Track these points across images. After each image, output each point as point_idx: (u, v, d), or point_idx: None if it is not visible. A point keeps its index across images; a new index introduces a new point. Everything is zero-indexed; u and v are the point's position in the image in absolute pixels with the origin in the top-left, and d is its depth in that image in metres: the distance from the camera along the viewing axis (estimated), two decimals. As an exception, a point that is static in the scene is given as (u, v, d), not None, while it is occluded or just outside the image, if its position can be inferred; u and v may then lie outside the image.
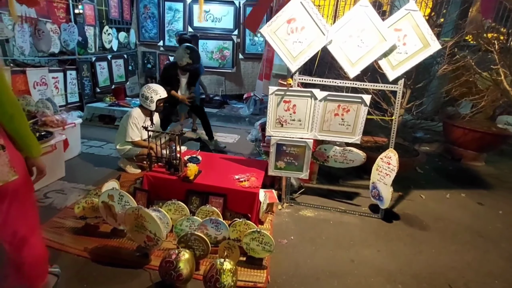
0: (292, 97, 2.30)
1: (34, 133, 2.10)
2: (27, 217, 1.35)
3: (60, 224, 2.23)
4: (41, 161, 1.33)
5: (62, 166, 2.99)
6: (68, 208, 2.44)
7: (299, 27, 2.14)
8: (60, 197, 2.63)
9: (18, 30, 3.68)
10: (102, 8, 5.17)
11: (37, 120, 3.04)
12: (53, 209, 2.44)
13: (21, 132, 1.22)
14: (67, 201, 2.56)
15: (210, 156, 2.98)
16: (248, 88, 5.66)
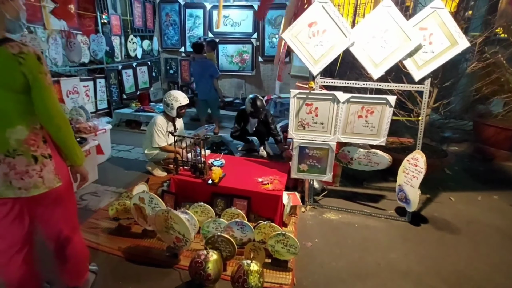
0: (314, 100, 2.31)
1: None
2: (69, 219, 1.48)
3: (96, 225, 2.38)
4: (84, 168, 1.44)
5: (95, 169, 3.17)
6: (102, 209, 2.59)
7: (320, 30, 2.15)
8: (94, 199, 2.79)
9: (52, 42, 3.95)
10: (127, 18, 5.42)
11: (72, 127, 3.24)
12: (88, 210, 2.60)
13: (67, 143, 1.33)
14: (101, 203, 2.71)
15: (233, 159, 3.04)
16: (268, 90, 5.69)
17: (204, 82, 4.41)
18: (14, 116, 1.19)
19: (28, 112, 1.22)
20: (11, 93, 1.16)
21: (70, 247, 1.49)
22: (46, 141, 1.28)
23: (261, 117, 3.59)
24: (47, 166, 1.26)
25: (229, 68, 5.86)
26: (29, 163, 1.22)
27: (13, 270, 1.35)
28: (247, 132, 3.85)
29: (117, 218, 2.28)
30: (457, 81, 3.40)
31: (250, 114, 3.58)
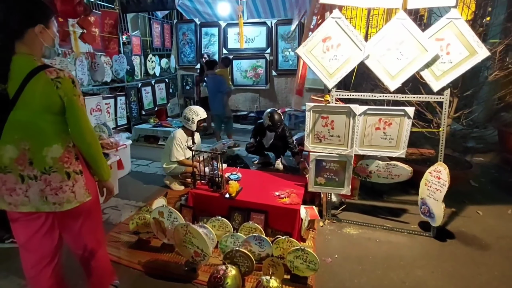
0: (330, 113, 2.31)
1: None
2: (95, 232, 1.53)
3: (116, 238, 2.43)
4: (110, 183, 1.51)
5: (116, 184, 3.27)
6: (122, 223, 2.65)
7: (335, 45, 2.18)
8: (115, 213, 2.86)
9: (78, 64, 4.20)
10: (147, 39, 5.69)
11: (95, 143, 3.38)
12: (109, 224, 2.66)
13: (97, 159, 1.40)
14: (122, 217, 2.78)
15: (249, 172, 3.06)
16: (282, 103, 5.74)
17: (216, 98, 4.57)
18: (51, 135, 1.28)
19: (64, 132, 1.31)
20: (50, 115, 1.26)
21: (95, 260, 1.54)
22: (77, 158, 1.36)
23: (278, 131, 3.62)
24: (79, 182, 1.34)
25: (244, 82, 5.98)
26: (63, 179, 1.30)
27: (43, 282, 1.41)
28: (263, 146, 3.88)
29: (137, 232, 2.33)
30: (479, 90, 3.30)
31: (268, 128, 3.63)
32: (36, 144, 1.25)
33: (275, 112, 3.59)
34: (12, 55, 1.20)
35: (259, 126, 3.81)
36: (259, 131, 3.81)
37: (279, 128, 3.59)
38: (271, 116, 3.55)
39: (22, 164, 1.25)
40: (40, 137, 1.26)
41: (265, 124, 3.62)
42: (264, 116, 3.65)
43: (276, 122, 3.54)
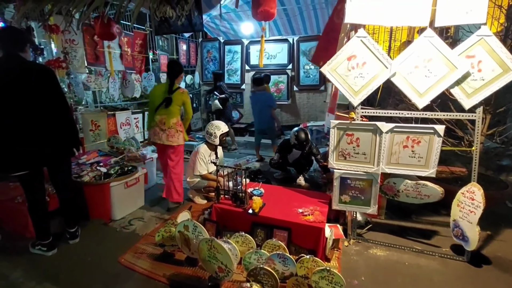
0: (355, 130, 2.29)
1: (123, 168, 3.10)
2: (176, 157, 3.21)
3: (143, 250, 2.50)
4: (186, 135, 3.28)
5: (142, 196, 3.38)
6: (148, 235, 2.72)
7: (360, 63, 2.19)
8: (141, 224, 2.95)
9: (111, 81, 4.49)
10: (174, 57, 5.98)
11: (124, 156, 3.55)
12: (136, 235, 2.75)
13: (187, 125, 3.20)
14: (147, 228, 2.86)
15: (272, 188, 3.06)
16: (304, 118, 5.75)
17: (264, 113, 4.64)
18: (175, 113, 3.06)
19: (179, 112, 3.10)
20: (177, 106, 3.06)
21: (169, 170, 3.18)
22: (180, 124, 3.11)
23: (305, 150, 3.63)
24: (180, 134, 3.11)
25: (266, 98, 6.07)
26: (175, 132, 3.06)
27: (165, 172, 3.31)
28: (287, 161, 3.89)
29: (162, 244, 2.38)
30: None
31: (294, 146, 3.64)
32: (169, 116, 3.04)
33: (302, 132, 3.59)
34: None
35: (286, 143, 3.83)
36: (285, 147, 3.83)
37: (306, 147, 3.60)
38: (298, 136, 3.55)
39: (162, 124, 3.04)
40: (171, 114, 3.04)
41: (292, 142, 3.63)
42: (290, 135, 3.67)
43: (302, 141, 3.54)
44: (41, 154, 2.25)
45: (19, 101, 2.12)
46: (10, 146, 2.16)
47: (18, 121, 2.14)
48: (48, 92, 2.20)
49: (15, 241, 2.60)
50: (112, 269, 2.26)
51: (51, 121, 2.24)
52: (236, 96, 6.40)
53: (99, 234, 2.76)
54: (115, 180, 2.95)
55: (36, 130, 2.19)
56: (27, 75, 2.13)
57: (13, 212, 2.71)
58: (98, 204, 2.93)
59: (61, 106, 2.29)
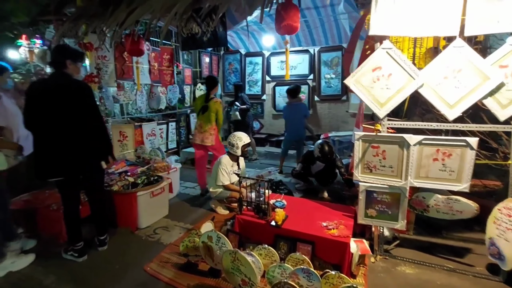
0: (381, 142, 2.24)
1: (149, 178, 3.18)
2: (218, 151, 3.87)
3: (167, 259, 2.55)
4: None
5: (166, 205, 3.47)
6: (172, 244, 2.78)
7: (385, 74, 2.16)
8: (165, 233, 3.02)
9: (138, 94, 4.71)
10: (197, 70, 6.18)
11: (150, 166, 3.68)
12: (160, 244, 2.81)
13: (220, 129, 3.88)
14: (171, 237, 2.92)
15: (294, 200, 3.03)
16: (325, 128, 5.70)
17: (298, 123, 4.69)
18: (211, 119, 3.73)
19: (214, 119, 3.75)
20: (212, 113, 3.72)
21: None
22: (214, 129, 3.77)
23: (328, 163, 3.59)
24: (212, 136, 3.76)
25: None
26: (209, 135, 3.74)
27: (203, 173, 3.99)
28: (310, 172, 3.85)
29: (186, 254, 2.42)
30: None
31: (317, 159, 3.62)
32: (205, 122, 3.75)
33: (326, 145, 3.56)
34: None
35: (309, 154, 3.81)
36: (308, 158, 3.81)
37: (330, 160, 3.56)
38: (322, 148, 3.54)
39: (200, 127, 3.79)
40: (207, 119, 3.73)
41: (315, 155, 3.61)
42: (314, 147, 3.66)
43: (326, 154, 3.52)
44: (76, 163, 2.39)
45: (59, 113, 2.29)
46: (48, 154, 2.33)
47: (57, 131, 2.31)
48: (84, 105, 2.36)
49: (50, 247, 2.75)
50: (138, 277, 2.32)
51: (86, 132, 2.40)
52: (257, 106, 6.47)
53: (126, 242, 2.86)
54: (142, 189, 3.05)
55: (72, 140, 2.35)
56: (67, 90, 2.31)
57: (48, 218, 2.87)
58: (126, 212, 3.03)
59: (96, 119, 2.45)
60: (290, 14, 2.37)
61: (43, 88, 2.31)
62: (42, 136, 2.31)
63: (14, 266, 2.42)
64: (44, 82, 2.45)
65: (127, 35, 3.32)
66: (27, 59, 4.90)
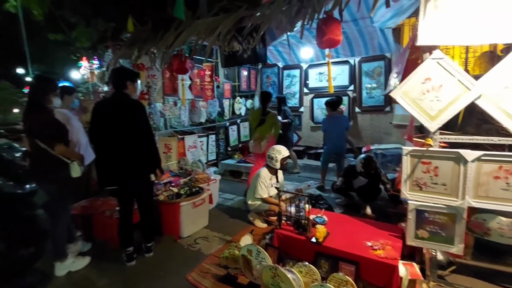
0: (432, 158, 2.09)
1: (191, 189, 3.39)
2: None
3: (207, 269, 2.61)
4: None
5: (206, 216, 3.58)
6: (212, 255, 2.84)
7: (436, 86, 2.03)
8: (205, 244, 3.11)
9: (182, 109, 5.00)
10: (236, 84, 6.39)
11: (192, 177, 3.85)
12: (201, 254, 2.90)
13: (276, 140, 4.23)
14: (211, 248, 2.99)
15: (335, 216, 2.93)
16: (367, 140, 5.46)
17: (339, 136, 4.55)
18: (268, 130, 4.12)
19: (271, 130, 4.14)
20: (270, 125, 4.09)
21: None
22: (272, 138, 4.10)
23: (372, 178, 3.44)
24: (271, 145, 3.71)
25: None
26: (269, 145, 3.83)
27: None
28: (351, 187, 3.71)
29: (226, 266, 2.45)
30: None
31: (360, 173, 3.49)
32: (263, 133, 4.10)
33: (370, 159, 3.42)
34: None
35: (351, 168, 3.69)
36: (350, 173, 3.68)
37: (373, 175, 3.40)
38: (365, 163, 3.40)
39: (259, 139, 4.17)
40: (265, 131, 4.10)
41: (358, 169, 3.48)
42: (357, 162, 3.53)
43: (369, 170, 3.38)
44: (128, 173, 2.61)
45: (118, 130, 2.54)
46: (107, 165, 2.58)
47: (115, 146, 2.55)
48: (139, 122, 2.60)
49: (104, 251, 2.99)
50: (181, 285, 2.41)
51: (140, 146, 2.62)
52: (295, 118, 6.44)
53: (169, 250, 2.99)
54: (185, 200, 3.20)
55: (127, 153, 2.57)
56: (126, 108, 2.57)
57: (102, 224, 3.14)
58: (170, 221, 3.19)
59: (147, 134, 2.66)
60: (331, 28, 2.37)
61: (107, 107, 2.60)
62: (103, 149, 2.58)
63: (73, 266, 2.67)
64: (108, 102, 2.74)
65: (174, 56, 3.59)
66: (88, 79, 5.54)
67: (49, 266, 2.65)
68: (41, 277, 2.59)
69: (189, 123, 5.38)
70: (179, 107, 4.83)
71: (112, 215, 3.10)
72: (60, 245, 2.62)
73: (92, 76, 5.09)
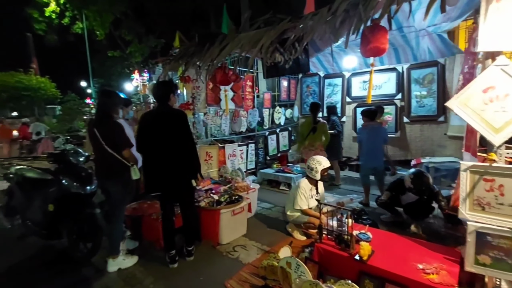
0: (496, 175, 1.86)
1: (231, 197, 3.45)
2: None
3: (246, 278, 2.61)
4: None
5: (245, 224, 3.61)
6: (250, 264, 2.85)
7: (500, 95, 1.82)
8: (244, 252, 3.12)
9: (224, 118, 5.17)
10: (275, 94, 6.45)
11: (231, 185, 3.93)
12: (239, 262, 2.92)
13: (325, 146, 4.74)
14: (249, 257, 3.00)
15: (381, 233, 2.74)
16: (416, 153, 5.05)
17: (376, 149, 4.21)
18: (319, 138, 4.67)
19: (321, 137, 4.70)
20: (321, 133, 4.67)
21: None
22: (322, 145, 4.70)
23: (423, 195, 3.16)
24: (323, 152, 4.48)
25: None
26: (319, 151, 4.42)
27: None
28: (398, 202, 3.46)
29: (264, 277, 2.44)
30: None
31: (409, 189, 3.22)
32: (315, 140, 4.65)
33: (421, 175, 3.13)
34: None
35: (399, 182, 3.41)
36: (398, 187, 3.41)
37: (425, 192, 3.12)
38: (415, 178, 3.13)
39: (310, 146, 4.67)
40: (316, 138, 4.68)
41: (407, 185, 3.22)
42: (405, 177, 3.26)
43: (420, 186, 3.10)
44: (172, 180, 2.76)
45: (163, 138, 2.72)
46: (151, 172, 2.77)
47: (160, 153, 2.72)
48: (180, 131, 2.75)
49: (150, 251, 3.18)
50: (220, 292, 2.45)
51: (181, 154, 2.76)
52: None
53: (208, 256, 3.07)
54: (225, 207, 3.27)
55: (171, 160, 2.73)
56: (167, 118, 2.75)
57: (149, 226, 3.34)
58: (210, 227, 3.29)
59: (189, 143, 2.80)
60: (377, 36, 2.28)
61: (152, 118, 2.80)
62: (149, 157, 2.77)
63: (123, 264, 2.88)
64: (153, 113, 2.95)
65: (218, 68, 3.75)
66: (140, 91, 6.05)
67: (102, 262, 2.90)
68: (95, 272, 2.84)
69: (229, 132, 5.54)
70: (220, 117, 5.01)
71: (158, 218, 3.28)
72: (115, 242, 2.86)
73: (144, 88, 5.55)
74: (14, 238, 3.43)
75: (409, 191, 3.21)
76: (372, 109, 4.36)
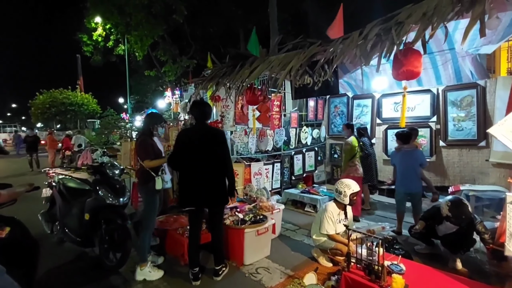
0: (551, 210, 1.68)
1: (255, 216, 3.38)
2: None
3: (268, 304, 2.53)
4: None
5: (269, 245, 3.52)
6: (273, 288, 2.76)
7: (553, 122, 1.68)
8: (266, 275, 3.04)
9: (250, 137, 5.24)
10: (303, 113, 6.45)
11: (256, 204, 3.90)
12: (262, 286, 2.84)
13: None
14: (272, 281, 2.91)
15: (415, 266, 2.54)
16: (454, 179, 4.72)
17: (411, 173, 3.96)
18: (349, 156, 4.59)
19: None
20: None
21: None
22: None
23: (463, 225, 2.90)
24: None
25: (400, 153, 5.45)
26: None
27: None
28: (434, 233, 3.21)
29: (288, 303, 2.34)
30: None
31: (447, 218, 2.98)
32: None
33: (459, 202, 2.89)
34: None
35: (435, 211, 3.16)
36: (434, 216, 3.17)
37: (463, 223, 2.87)
38: (452, 207, 2.89)
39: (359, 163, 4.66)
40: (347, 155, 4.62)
41: (444, 214, 2.97)
42: (442, 205, 3.03)
43: (459, 216, 2.85)
44: (206, 196, 2.82)
45: (201, 154, 2.81)
46: (189, 186, 2.84)
47: (198, 168, 2.80)
48: (220, 148, 2.84)
49: (174, 265, 3.20)
50: (241, 316, 2.38)
51: (219, 170, 2.84)
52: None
53: (232, 276, 3.02)
54: (249, 227, 3.24)
55: (208, 176, 2.80)
56: (208, 135, 2.85)
57: (174, 240, 3.39)
58: (234, 247, 3.26)
59: (226, 160, 2.88)
60: (410, 59, 2.24)
61: (192, 135, 2.91)
62: (188, 172, 2.85)
63: (150, 276, 2.94)
64: (193, 130, 3.06)
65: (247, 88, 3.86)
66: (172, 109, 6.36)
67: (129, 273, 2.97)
68: (123, 282, 2.91)
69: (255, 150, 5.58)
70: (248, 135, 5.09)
71: (184, 233, 3.33)
72: (143, 251, 2.98)
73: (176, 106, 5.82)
74: (53, 243, 3.66)
75: (447, 220, 2.96)
76: (406, 131, 4.14)
